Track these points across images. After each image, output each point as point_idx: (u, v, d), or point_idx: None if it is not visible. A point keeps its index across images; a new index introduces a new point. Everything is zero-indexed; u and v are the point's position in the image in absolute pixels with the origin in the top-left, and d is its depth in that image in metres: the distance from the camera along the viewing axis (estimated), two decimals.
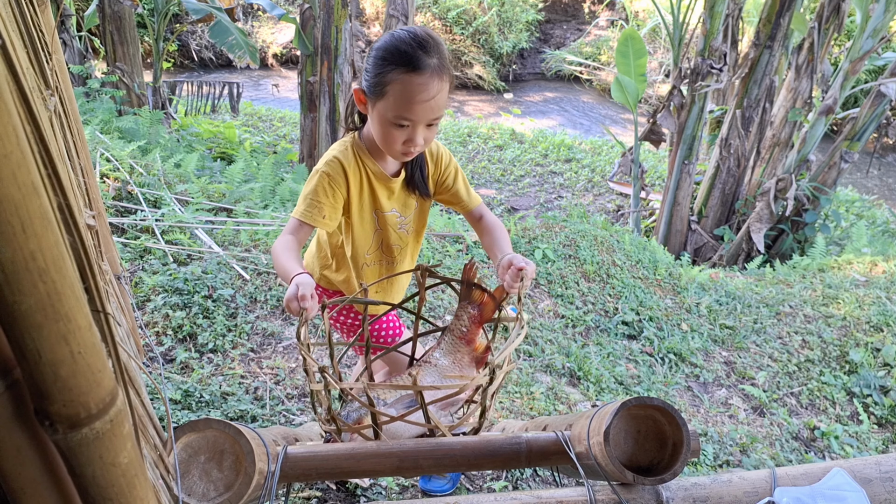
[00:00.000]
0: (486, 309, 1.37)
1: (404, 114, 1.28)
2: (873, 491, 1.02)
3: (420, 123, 1.31)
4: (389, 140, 1.35)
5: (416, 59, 1.25)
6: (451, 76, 1.33)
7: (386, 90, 1.28)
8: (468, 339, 1.33)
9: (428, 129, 1.34)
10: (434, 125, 1.35)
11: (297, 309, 1.18)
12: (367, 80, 1.32)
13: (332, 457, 1.09)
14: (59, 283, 0.41)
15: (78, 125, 1.50)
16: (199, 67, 12.16)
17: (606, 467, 1.02)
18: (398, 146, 1.35)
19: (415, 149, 1.35)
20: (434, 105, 1.29)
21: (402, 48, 1.26)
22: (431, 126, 1.35)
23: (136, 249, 2.89)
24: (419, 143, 1.34)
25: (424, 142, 1.36)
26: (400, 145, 1.34)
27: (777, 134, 5.89)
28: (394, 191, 1.52)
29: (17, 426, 0.45)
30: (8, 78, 0.41)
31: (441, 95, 1.30)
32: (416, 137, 1.33)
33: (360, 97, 1.37)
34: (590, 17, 14.06)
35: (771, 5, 5.42)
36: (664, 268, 4.12)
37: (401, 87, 1.26)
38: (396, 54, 1.26)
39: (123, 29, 6.31)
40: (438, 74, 1.27)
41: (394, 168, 1.51)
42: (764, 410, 3.01)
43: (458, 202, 1.61)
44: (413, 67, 1.25)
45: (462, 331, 1.34)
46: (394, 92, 1.27)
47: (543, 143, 9.00)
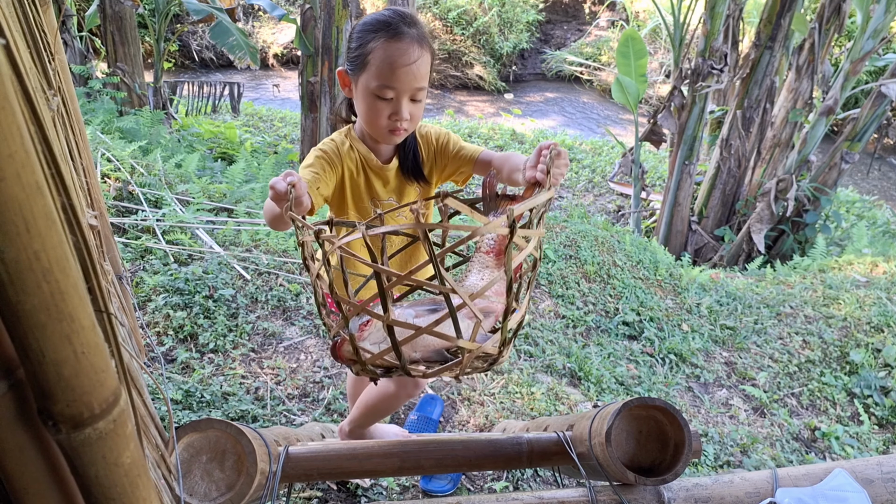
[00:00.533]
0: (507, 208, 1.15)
1: (387, 81, 1.27)
2: (875, 491, 1.02)
3: (404, 92, 1.29)
4: (374, 115, 1.33)
5: (396, 25, 1.27)
6: (432, 49, 1.33)
7: (368, 59, 1.28)
8: (497, 250, 1.14)
9: (413, 104, 1.33)
10: (419, 100, 1.34)
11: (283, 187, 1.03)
12: (349, 57, 1.33)
13: (333, 457, 1.09)
14: (63, 283, 0.41)
15: (80, 125, 1.50)
16: (199, 68, 12.16)
17: (608, 468, 1.02)
18: (383, 121, 1.32)
19: (401, 123, 1.32)
20: (416, 71, 1.28)
21: (381, 19, 1.29)
22: (416, 102, 1.33)
23: (138, 249, 2.90)
24: (405, 117, 1.32)
25: (411, 118, 1.33)
26: (385, 120, 1.32)
27: (778, 134, 5.89)
28: (388, 179, 1.50)
29: (21, 426, 0.45)
30: (12, 78, 0.41)
31: (423, 62, 1.29)
32: (402, 110, 1.31)
33: (343, 79, 1.37)
34: (590, 18, 14.06)
35: (771, 6, 5.42)
36: (665, 268, 4.12)
37: (382, 52, 1.26)
38: (376, 24, 1.29)
39: (124, 29, 6.32)
40: (419, 42, 1.28)
41: (385, 155, 1.49)
42: (765, 411, 3.00)
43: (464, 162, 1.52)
44: (393, 33, 1.26)
45: (489, 244, 1.15)
46: (375, 59, 1.27)
47: None
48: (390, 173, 1.49)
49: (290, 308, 2.79)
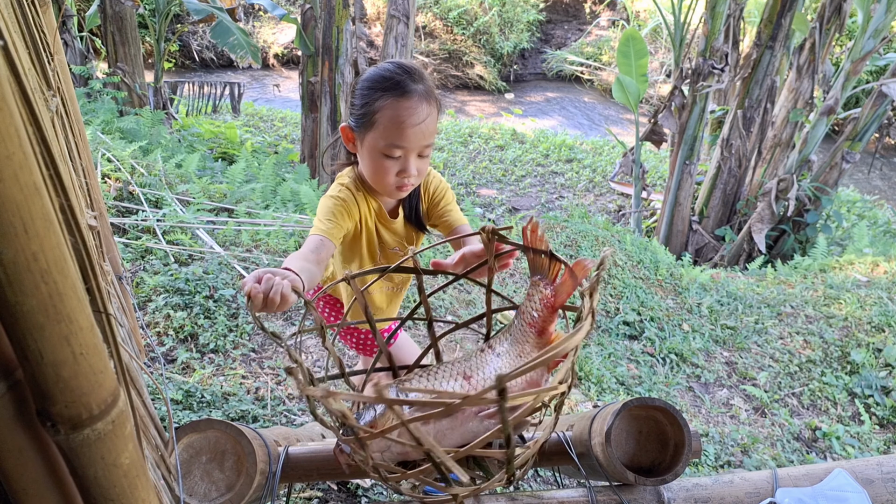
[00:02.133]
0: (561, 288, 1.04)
1: (395, 140, 1.25)
2: (875, 492, 1.02)
3: (412, 151, 1.28)
4: (382, 173, 1.31)
5: (403, 83, 1.24)
6: (439, 104, 1.31)
7: (375, 119, 1.26)
8: (540, 327, 1.03)
9: (420, 159, 1.31)
10: (425, 156, 1.32)
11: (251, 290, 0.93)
12: (354, 114, 1.30)
13: (333, 457, 1.09)
14: (61, 284, 0.41)
15: (79, 126, 1.50)
16: (200, 68, 12.17)
17: (608, 468, 1.02)
18: (391, 179, 1.31)
19: (409, 180, 1.31)
20: (425, 129, 1.27)
21: (387, 76, 1.26)
22: (423, 157, 1.32)
23: (138, 250, 2.90)
24: (413, 174, 1.30)
25: (418, 173, 1.32)
26: (393, 178, 1.30)
27: (778, 134, 5.89)
28: (396, 231, 1.51)
29: (19, 427, 0.45)
30: (10, 79, 0.41)
31: (431, 120, 1.28)
32: (410, 167, 1.29)
33: (347, 134, 1.34)
34: (591, 18, 14.06)
35: (772, 6, 5.42)
36: (665, 268, 4.11)
37: (390, 112, 1.24)
38: (382, 81, 1.25)
39: (125, 29, 6.32)
40: (427, 99, 1.26)
41: (391, 207, 1.49)
42: (765, 411, 3.00)
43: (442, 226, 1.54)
44: (401, 92, 1.23)
45: (532, 316, 1.04)
46: (383, 119, 1.24)
47: (545, 143, 9.00)
48: (397, 225, 1.50)
49: (290, 308, 2.79)
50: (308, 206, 4.36)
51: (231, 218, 3.59)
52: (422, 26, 12.59)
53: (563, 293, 1.03)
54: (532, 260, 1.07)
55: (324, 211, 1.36)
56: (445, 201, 1.53)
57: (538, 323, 1.03)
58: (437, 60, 12.50)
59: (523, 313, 1.06)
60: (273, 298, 0.93)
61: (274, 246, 3.20)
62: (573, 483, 1.40)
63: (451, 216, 1.52)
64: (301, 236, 3.43)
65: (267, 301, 0.92)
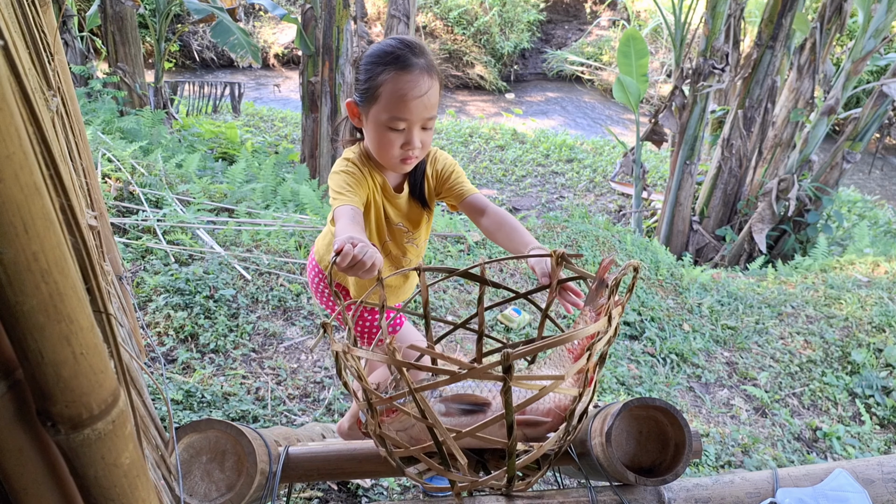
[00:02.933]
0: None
1: (398, 113, 1.28)
2: (875, 492, 1.02)
3: (415, 123, 1.30)
4: (386, 145, 1.33)
5: (405, 57, 1.27)
6: (441, 77, 1.34)
7: (378, 92, 1.28)
8: (577, 355, 1.05)
9: (424, 132, 1.34)
10: (429, 129, 1.35)
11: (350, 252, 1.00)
12: (358, 89, 1.33)
13: (333, 457, 1.09)
14: (62, 284, 0.41)
15: (80, 126, 1.50)
16: (200, 68, 12.17)
17: (608, 468, 1.02)
18: (395, 151, 1.33)
19: (413, 152, 1.34)
20: (427, 102, 1.29)
21: (389, 50, 1.29)
22: (427, 129, 1.34)
23: (138, 250, 2.90)
24: (416, 146, 1.33)
25: (422, 145, 1.34)
26: (397, 150, 1.33)
27: (779, 134, 5.89)
28: (400, 206, 1.52)
29: (20, 427, 0.45)
30: (10, 79, 0.41)
31: (433, 93, 1.30)
32: (413, 139, 1.32)
33: (352, 109, 1.37)
34: (591, 18, 14.05)
35: (773, 5, 5.41)
36: (666, 268, 4.11)
37: (392, 85, 1.27)
38: (384, 56, 1.28)
39: (125, 29, 6.32)
40: (428, 72, 1.28)
41: (396, 182, 1.50)
42: (766, 411, 3.00)
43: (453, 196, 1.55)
44: (403, 65, 1.27)
45: (573, 344, 1.07)
46: (386, 92, 1.27)
47: (545, 143, 9.00)
48: (402, 200, 1.51)
49: (290, 308, 2.79)
50: (308, 206, 4.36)
51: (231, 218, 3.59)
52: (422, 26, 12.59)
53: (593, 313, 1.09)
54: (593, 291, 1.12)
55: (340, 183, 1.37)
56: (455, 175, 1.55)
57: (577, 350, 1.07)
58: (437, 60, 12.47)
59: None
60: (364, 262, 1.02)
61: (274, 246, 3.20)
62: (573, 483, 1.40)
63: (462, 187, 1.53)
64: (301, 236, 3.43)
65: (356, 263, 1.01)
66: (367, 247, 1.04)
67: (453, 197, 1.54)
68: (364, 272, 1.02)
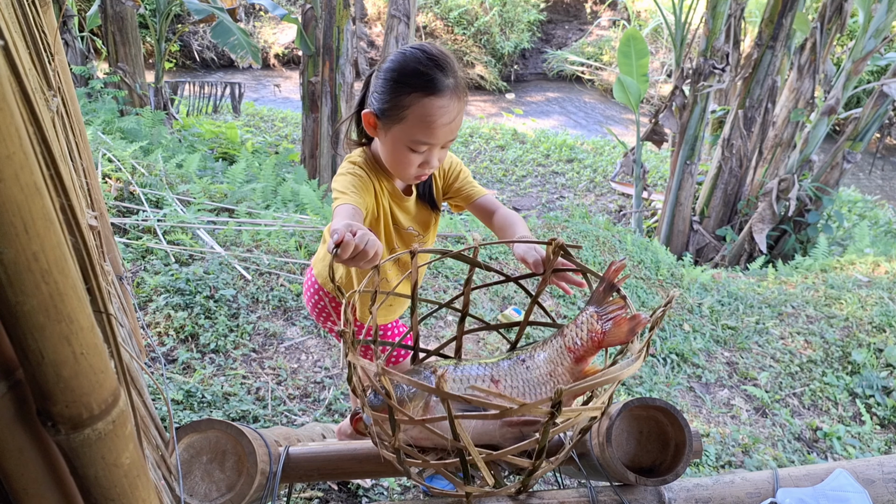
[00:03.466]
0: (615, 332, 1.01)
1: (423, 138, 1.23)
2: (876, 492, 1.02)
3: (438, 146, 1.27)
4: (404, 164, 1.29)
5: (436, 81, 1.19)
6: (467, 93, 1.28)
7: (404, 114, 1.22)
8: (578, 355, 1.03)
9: (442, 150, 1.31)
10: (447, 145, 1.31)
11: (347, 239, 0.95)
12: (380, 104, 1.25)
13: (333, 457, 1.09)
14: (62, 284, 0.41)
15: (80, 126, 1.50)
16: (200, 68, 12.17)
17: (609, 468, 1.02)
18: (413, 170, 1.30)
19: (429, 170, 1.31)
20: (454, 127, 1.25)
21: (419, 69, 1.20)
22: (445, 147, 1.31)
23: (138, 250, 2.90)
24: (435, 166, 1.31)
25: (439, 163, 1.32)
26: (415, 169, 1.29)
27: (779, 134, 5.89)
28: (409, 210, 1.48)
29: (20, 427, 0.45)
30: (10, 79, 0.41)
31: (460, 116, 1.26)
32: (433, 160, 1.28)
33: (370, 121, 1.30)
34: (591, 17, 14.05)
35: (773, 5, 5.41)
36: (666, 268, 4.11)
37: (421, 111, 1.20)
38: (413, 76, 1.20)
39: (125, 29, 6.33)
40: (457, 95, 1.22)
41: (404, 186, 1.47)
42: (766, 411, 3.00)
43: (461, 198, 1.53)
44: (433, 90, 1.19)
45: (576, 343, 1.03)
46: (412, 116, 1.21)
47: (545, 143, 8.99)
48: (410, 204, 1.48)
49: (290, 308, 2.79)
50: (308, 206, 4.36)
51: (232, 218, 3.59)
52: (422, 26, 12.58)
53: (614, 337, 1.02)
54: (599, 292, 1.07)
55: (344, 184, 1.32)
56: (462, 176, 1.52)
57: (579, 351, 1.03)
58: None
59: (565, 336, 1.06)
60: (367, 251, 0.96)
61: (275, 246, 3.20)
62: (574, 483, 1.40)
63: (469, 189, 1.51)
64: (301, 236, 3.43)
65: (358, 253, 0.96)
66: (367, 234, 0.99)
67: (461, 199, 1.52)
68: (366, 262, 0.98)
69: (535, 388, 1.02)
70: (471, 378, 1.02)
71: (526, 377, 1.03)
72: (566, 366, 1.03)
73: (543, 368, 1.04)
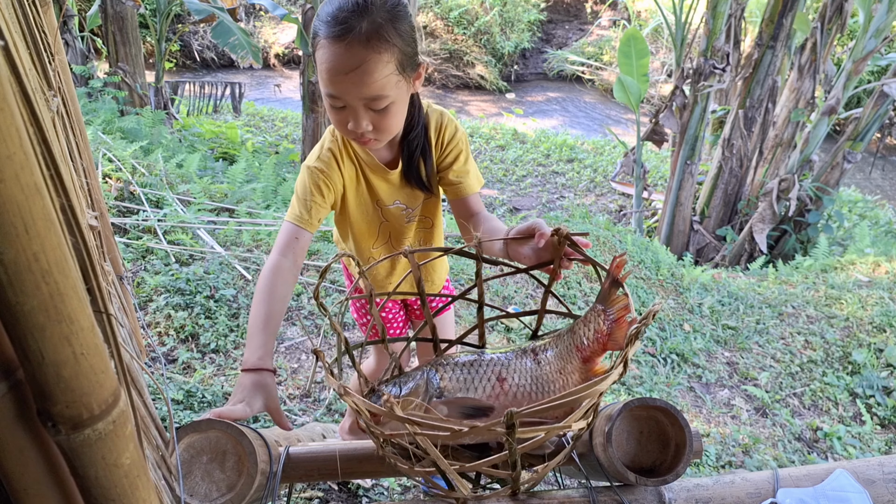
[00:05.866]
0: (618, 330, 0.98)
1: (328, 89, 1.08)
2: (876, 492, 1.01)
3: (353, 103, 1.08)
4: (335, 122, 1.15)
5: (341, 20, 1.02)
6: (398, 46, 1.06)
7: (315, 60, 1.09)
8: (585, 356, 1.00)
9: (378, 114, 1.10)
10: (387, 111, 1.11)
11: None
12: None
13: (334, 457, 1.09)
14: (62, 285, 0.41)
15: (80, 126, 1.50)
16: (201, 68, 12.17)
17: (609, 468, 1.02)
18: (345, 130, 1.14)
19: (364, 135, 1.13)
20: (361, 79, 1.04)
21: (328, 9, 1.06)
22: (382, 112, 1.10)
23: (139, 250, 2.90)
24: (364, 129, 1.11)
25: (377, 129, 1.12)
26: (347, 130, 1.13)
27: (780, 134, 5.88)
28: (393, 181, 1.32)
29: (20, 427, 0.45)
30: (11, 79, 0.41)
31: (372, 68, 1.04)
32: (358, 121, 1.10)
33: None
34: (592, 17, 14.05)
35: (773, 5, 5.41)
36: (666, 268, 4.11)
37: (321, 55, 1.06)
38: (323, 17, 1.06)
39: (126, 29, 6.33)
40: (366, 41, 1.02)
41: (387, 156, 1.30)
42: (766, 411, 3.00)
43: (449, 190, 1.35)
44: (336, 32, 1.03)
45: (583, 342, 1.00)
46: (318, 62, 1.07)
47: (546, 143, 8.99)
48: (394, 176, 1.31)
49: (291, 308, 2.79)
50: None
51: (232, 218, 3.59)
52: (423, 26, 12.58)
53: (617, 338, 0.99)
54: (605, 289, 1.02)
55: (301, 189, 1.24)
56: (458, 164, 1.33)
57: (586, 350, 1.00)
58: (438, 60, 12.49)
59: (574, 334, 1.02)
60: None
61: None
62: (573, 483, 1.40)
63: (463, 184, 1.32)
64: None
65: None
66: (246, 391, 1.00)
67: (450, 192, 1.34)
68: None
69: (544, 385, 0.99)
70: (475, 378, 1.01)
71: (536, 374, 1.00)
72: (575, 364, 1.01)
73: (554, 365, 1.01)
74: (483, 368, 1.02)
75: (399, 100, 1.12)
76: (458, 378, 1.01)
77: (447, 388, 1.00)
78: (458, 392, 0.99)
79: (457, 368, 1.03)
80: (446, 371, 1.02)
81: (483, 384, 1.00)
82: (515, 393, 0.99)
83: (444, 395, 0.99)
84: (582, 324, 1.02)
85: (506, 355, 1.04)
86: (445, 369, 1.03)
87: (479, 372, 1.01)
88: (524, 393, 1.00)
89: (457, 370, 1.03)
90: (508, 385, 0.99)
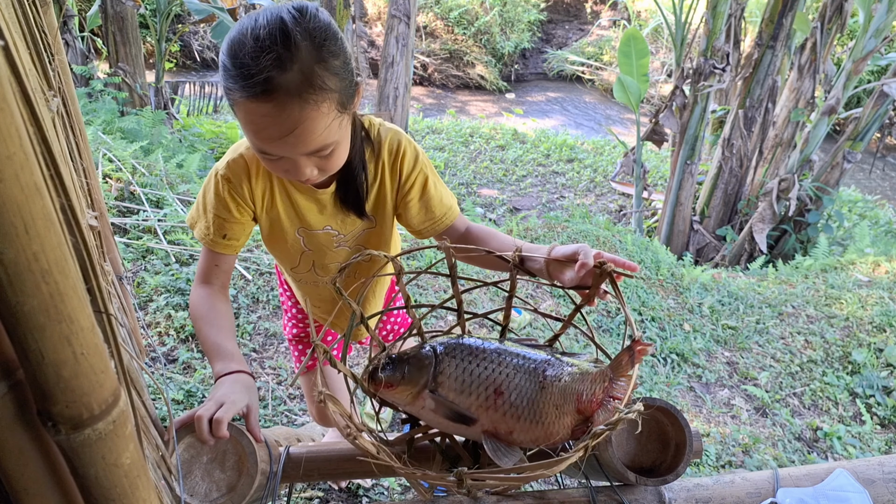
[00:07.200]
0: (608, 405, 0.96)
1: (260, 147, 0.92)
2: (876, 492, 1.02)
3: (292, 157, 0.92)
4: (271, 170, 1.01)
5: (255, 75, 0.82)
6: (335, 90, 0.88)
7: (234, 110, 0.89)
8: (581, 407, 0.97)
9: (323, 159, 0.94)
10: (332, 153, 0.95)
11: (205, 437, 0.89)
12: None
13: (334, 457, 1.09)
14: (62, 285, 0.41)
15: (80, 126, 1.50)
16: (201, 68, 12.17)
17: (609, 468, 1.02)
18: (284, 175, 1.00)
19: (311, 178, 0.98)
20: (300, 140, 0.87)
21: (240, 55, 0.83)
22: (328, 156, 0.94)
23: (139, 250, 2.90)
24: (308, 175, 0.96)
25: (323, 171, 0.97)
26: (284, 173, 0.98)
27: (780, 134, 5.88)
28: (324, 203, 1.12)
29: (20, 427, 0.45)
30: (11, 79, 0.41)
31: (311, 126, 0.87)
32: (301, 170, 0.94)
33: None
34: (592, 17, 14.05)
35: (773, 5, 5.41)
36: (666, 268, 4.11)
37: (243, 116, 0.87)
38: (232, 69, 0.84)
39: (126, 29, 6.32)
40: (298, 97, 0.83)
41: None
42: (766, 411, 3.00)
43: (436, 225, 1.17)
44: (254, 93, 0.83)
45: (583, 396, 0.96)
46: (241, 121, 0.88)
47: (546, 143, 8.99)
48: (326, 197, 1.11)
49: None
50: None
51: None
52: (423, 26, 12.58)
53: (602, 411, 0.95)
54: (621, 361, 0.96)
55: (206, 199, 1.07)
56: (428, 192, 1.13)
57: (582, 403, 0.97)
58: (437, 60, 12.50)
59: (582, 381, 0.98)
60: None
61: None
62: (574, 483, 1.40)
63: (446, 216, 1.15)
64: None
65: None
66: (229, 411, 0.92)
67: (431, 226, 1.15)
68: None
69: (537, 413, 0.96)
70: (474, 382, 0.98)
71: (534, 398, 0.96)
72: (570, 407, 0.97)
73: (555, 398, 0.96)
74: (485, 372, 0.99)
75: (344, 138, 0.97)
76: (458, 377, 0.99)
77: (443, 384, 0.99)
78: (454, 392, 0.98)
79: (463, 361, 0.99)
80: (451, 362, 0.99)
81: (479, 391, 0.97)
82: (506, 411, 0.96)
83: (438, 391, 0.98)
84: (591, 378, 0.98)
85: (515, 363, 1.00)
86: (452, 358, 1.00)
87: (479, 376, 0.98)
88: (514, 414, 0.96)
89: (462, 364, 0.99)
90: (503, 401, 0.96)
